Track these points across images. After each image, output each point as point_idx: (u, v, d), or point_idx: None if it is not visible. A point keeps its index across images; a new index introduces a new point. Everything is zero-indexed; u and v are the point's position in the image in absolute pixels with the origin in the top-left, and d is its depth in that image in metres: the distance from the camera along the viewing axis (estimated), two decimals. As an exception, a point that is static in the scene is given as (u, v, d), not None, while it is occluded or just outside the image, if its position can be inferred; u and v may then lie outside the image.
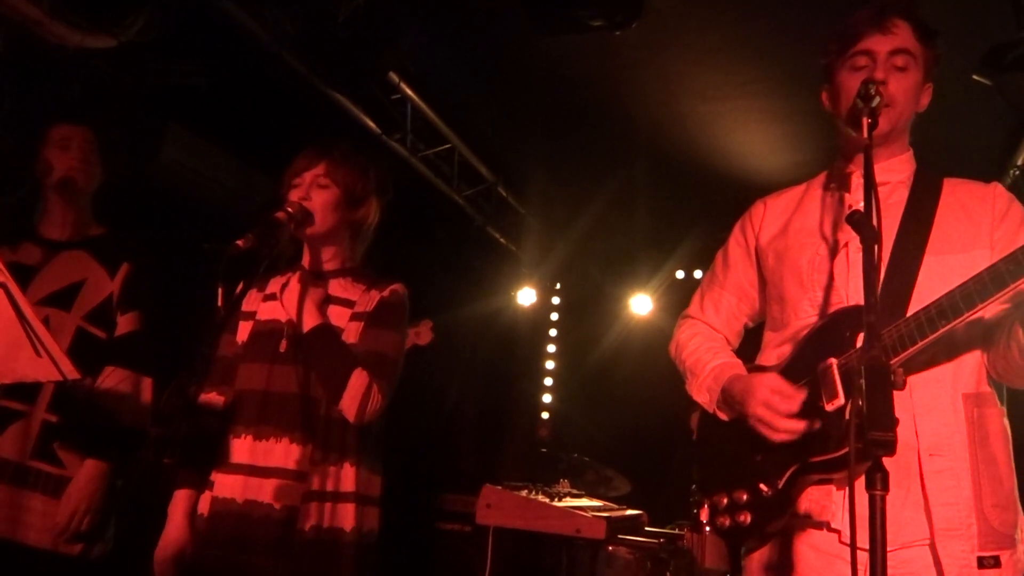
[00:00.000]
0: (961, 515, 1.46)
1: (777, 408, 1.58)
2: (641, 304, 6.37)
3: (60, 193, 2.35)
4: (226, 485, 1.90)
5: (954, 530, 1.45)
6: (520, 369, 6.73)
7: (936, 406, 1.51)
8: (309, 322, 1.97)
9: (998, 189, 1.65)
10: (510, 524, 3.93)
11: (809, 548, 1.57)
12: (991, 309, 1.50)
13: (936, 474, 1.48)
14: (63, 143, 2.35)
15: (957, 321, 1.39)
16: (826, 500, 1.56)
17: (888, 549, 1.44)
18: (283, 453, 1.90)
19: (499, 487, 4.04)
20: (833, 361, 1.54)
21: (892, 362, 1.43)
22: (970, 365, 1.55)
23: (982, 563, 1.44)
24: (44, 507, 2.16)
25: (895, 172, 1.69)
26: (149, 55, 3.21)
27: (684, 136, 4.59)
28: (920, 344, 1.43)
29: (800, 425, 1.55)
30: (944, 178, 1.69)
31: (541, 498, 4.01)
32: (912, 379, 1.51)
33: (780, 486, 1.58)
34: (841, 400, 1.50)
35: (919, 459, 1.49)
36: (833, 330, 1.59)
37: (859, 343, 1.52)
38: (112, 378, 2.27)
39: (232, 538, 1.85)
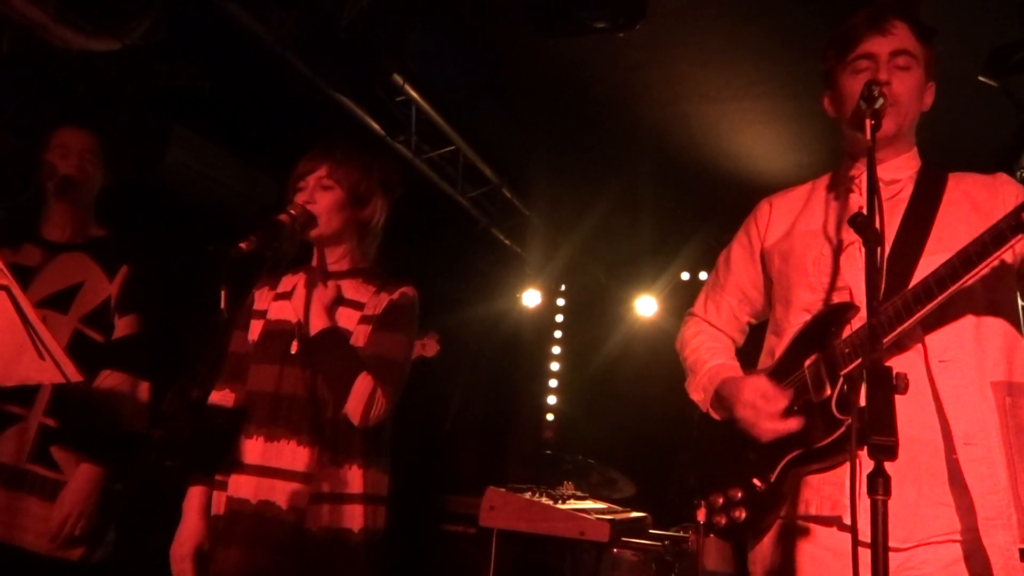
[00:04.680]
0: (1001, 504, 1.44)
1: (761, 410, 1.61)
2: (646, 306, 6.36)
3: (61, 197, 2.36)
4: (240, 486, 1.91)
5: (996, 519, 1.43)
6: (525, 371, 6.72)
7: (963, 394, 1.49)
8: (317, 325, 1.97)
9: (1003, 178, 1.66)
10: (513, 526, 3.92)
11: (820, 547, 1.57)
12: None
13: (973, 463, 1.46)
14: (64, 148, 2.35)
15: (956, 286, 1.41)
16: (838, 496, 1.55)
17: (906, 547, 1.46)
18: (292, 455, 1.91)
19: (502, 489, 4.03)
20: (819, 355, 1.57)
21: (895, 333, 1.47)
22: (996, 353, 1.53)
23: None
24: (40, 511, 2.16)
25: (903, 169, 1.69)
26: (154, 58, 3.22)
27: (689, 137, 4.58)
28: (920, 312, 1.44)
29: (785, 426, 1.59)
30: (949, 174, 1.68)
31: (544, 500, 4.00)
32: (934, 370, 1.51)
33: (772, 479, 1.61)
34: (827, 391, 1.54)
35: (952, 450, 1.47)
36: (819, 326, 1.62)
37: (844, 335, 1.56)
38: (109, 381, 2.27)
39: (247, 538, 1.86)
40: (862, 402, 1.16)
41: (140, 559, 2.02)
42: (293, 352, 1.98)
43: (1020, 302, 1.62)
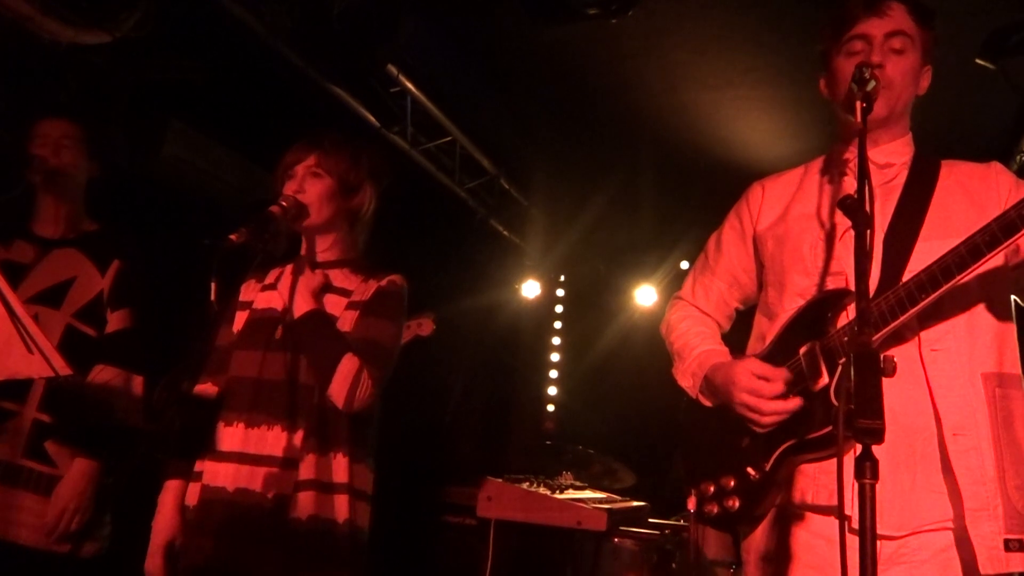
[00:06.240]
0: (988, 495, 1.44)
1: (762, 392, 1.59)
2: (646, 295, 6.35)
3: (47, 188, 2.35)
4: (217, 473, 1.88)
5: (982, 510, 1.44)
6: (525, 361, 6.71)
7: (954, 385, 1.49)
8: (303, 307, 1.96)
9: (997, 167, 1.65)
10: (511, 517, 3.92)
11: (814, 534, 1.56)
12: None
13: (962, 454, 1.46)
14: (45, 138, 2.34)
15: (963, 275, 1.39)
16: (834, 486, 1.54)
17: (900, 535, 1.47)
18: (275, 441, 1.88)
19: (500, 480, 4.03)
20: (816, 342, 1.56)
21: (899, 321, 1.45)
22: (988, 344, 1.53)
23: (1008, 546, 1.42)
24: (36, 506, 2.16)
25: (897, 154, 1.68)
26: (146, 51, 3.20)
27: (687, 125, 4.56)
28: (926, 300, 1.42)
29: (787, 405, 1.57)
30: (942, 160, 1.67)
31: (542, 490, 3.99)
32: (926, 358, 1.50)
33: (767, 468, 1.59)
34: (825, 379, 1.53)
35: (943, 439, 1.47)
36: (814, 312, 1.60)
37: (840, 323, 1.55)
38: (102, 376, 2.26)
39: (223, 527, 1.84)
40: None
41: (133, 552, 2.01)
42: (278, 337, 1.96)
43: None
